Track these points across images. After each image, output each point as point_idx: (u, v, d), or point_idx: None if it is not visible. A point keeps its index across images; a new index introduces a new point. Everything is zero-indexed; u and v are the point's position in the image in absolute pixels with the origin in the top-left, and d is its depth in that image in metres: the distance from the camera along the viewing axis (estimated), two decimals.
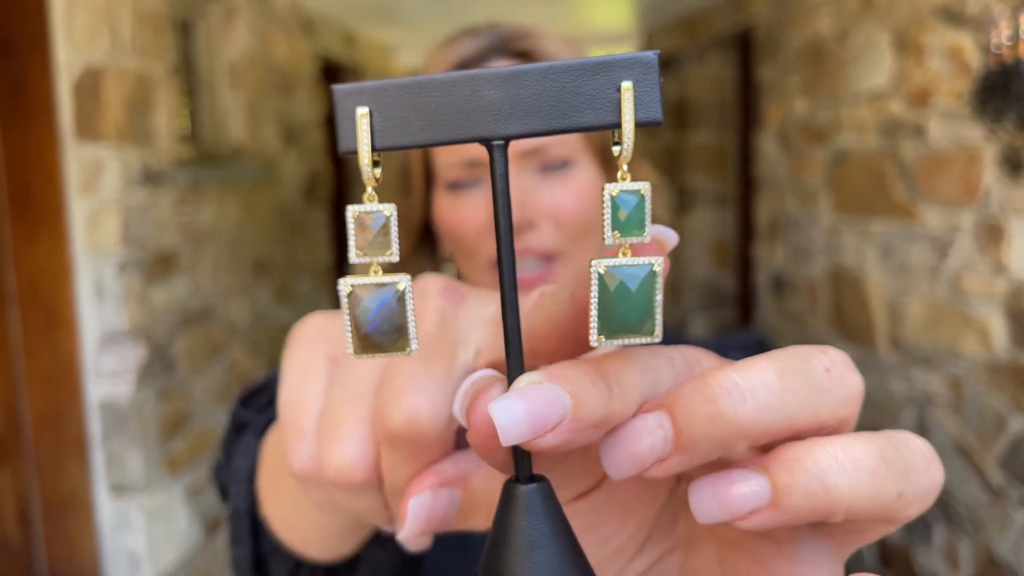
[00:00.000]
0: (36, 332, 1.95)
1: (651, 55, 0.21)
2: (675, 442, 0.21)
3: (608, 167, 0.66)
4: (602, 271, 0.22)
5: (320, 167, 3.80)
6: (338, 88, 0.22)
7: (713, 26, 3.92)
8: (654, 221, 0.74)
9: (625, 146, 0.22)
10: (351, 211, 0.22)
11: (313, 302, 3.62)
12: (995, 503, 1.93)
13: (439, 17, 4.00)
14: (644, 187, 0.22)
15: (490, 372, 0.23)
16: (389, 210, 0.22)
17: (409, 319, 0.23)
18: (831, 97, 2.69)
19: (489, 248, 0.63)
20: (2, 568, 1.92)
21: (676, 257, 4.52)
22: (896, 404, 2.34)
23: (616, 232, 0.22)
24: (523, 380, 0.21)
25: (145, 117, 2.11)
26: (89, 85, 1.91)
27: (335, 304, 1.80)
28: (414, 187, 0.72)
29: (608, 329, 0.22)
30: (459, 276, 0.71)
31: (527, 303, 0.24)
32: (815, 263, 2.87)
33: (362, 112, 0.22)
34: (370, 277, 0.23)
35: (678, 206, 4.35)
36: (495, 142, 0.22)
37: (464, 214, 0.64)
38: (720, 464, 0.23)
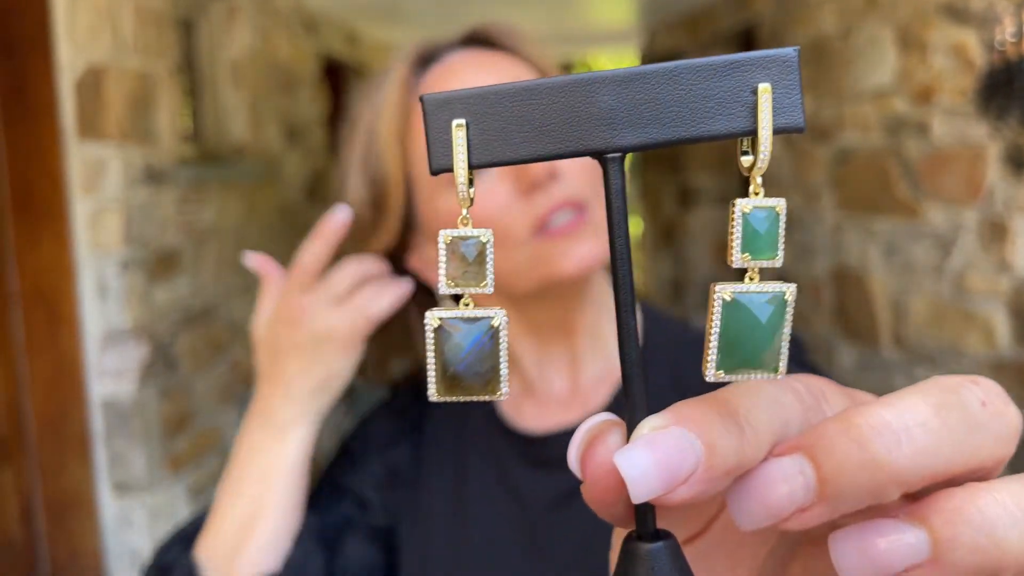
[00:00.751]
0: (39, 331, 1.95)
1: (791, 52, 0.19)
2: (819, 491, 0.18)
3: None
4: (727, 298, 0.19)
5: (322, 166, 3.80)
6: (429, 97, 0.19)
7: (716, 24, 3.91)
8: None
9: (762, 157, 0.19)
10: (443, 236, 0.20)
11: None
12: None
13: (441, 16, 4.00)
14: (779, 204, 0.19)
15: (606, 416, 0.20)
16: (486, 236, 0.20)
17: (502, 359, 0.20)
18: (834, 95, 2.68)
19: (520, 218, 0.57)
20: (5, 567, 1.92)
21: (679, 256, 4.51)
22: None
23: (747, 254, 0.19)
24: (646, 425, 0.18)
25: (147, 116, 2.10)
26: (91, 84, 1.91)
27: None
28: (389, 203, 0.62)
29: (729, 363, 0.20)
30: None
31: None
32: (818, 261, 2.86)
33: (458, 124, 0.19)
34: (460, 310, 0.21)
35: (680, 204, 4.35)
36: (610, 155, 0.19)
37: (478, 193, 0.57)
38: (863, 511, 0.20)
